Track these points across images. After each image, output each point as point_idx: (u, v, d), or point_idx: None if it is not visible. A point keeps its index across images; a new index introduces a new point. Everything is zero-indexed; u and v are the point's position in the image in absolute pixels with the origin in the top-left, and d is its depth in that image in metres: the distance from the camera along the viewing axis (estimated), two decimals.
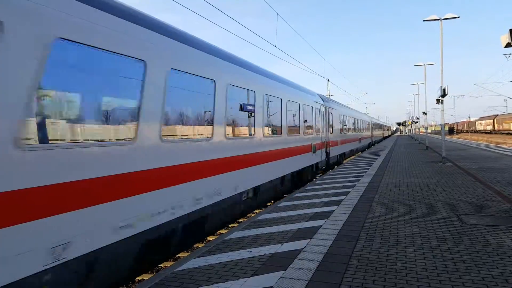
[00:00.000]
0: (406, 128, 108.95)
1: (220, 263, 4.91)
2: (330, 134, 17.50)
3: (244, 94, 8.09)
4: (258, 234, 6.23)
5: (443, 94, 17.71)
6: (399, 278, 4.25)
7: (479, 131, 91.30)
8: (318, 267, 4.62)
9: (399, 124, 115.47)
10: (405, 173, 13.98)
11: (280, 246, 5.54)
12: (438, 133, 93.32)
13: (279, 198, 11.47)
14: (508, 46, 8.14)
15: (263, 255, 5.15)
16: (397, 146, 35.55)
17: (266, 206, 10.84)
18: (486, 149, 26.54)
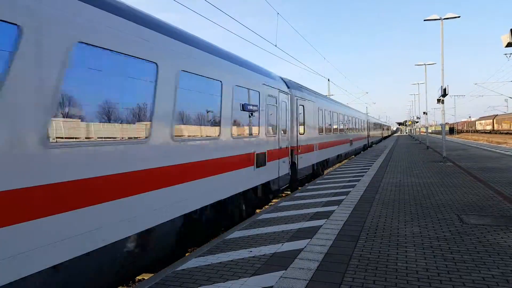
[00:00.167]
0: (407, 128, 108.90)
1: (220, 263, 4.91)
2: (299, 135, 12.70)
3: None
4: (258, 234, 6.23)
5: (444, 94, 17.69)
6: (400, 278, 4.24)
7: (479, 131, 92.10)
8: (318, 267, 4.62)
9: (400, 124, 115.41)
10: (405, 173, 13.97)
11: (280, 245, 5.54)
12: (439, 133, 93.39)
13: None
14: (508, 45, 8.13)
15: (264, 255, 5.15)
16: (397, 146, 35.54)
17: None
18: (487, 149, 26.52)
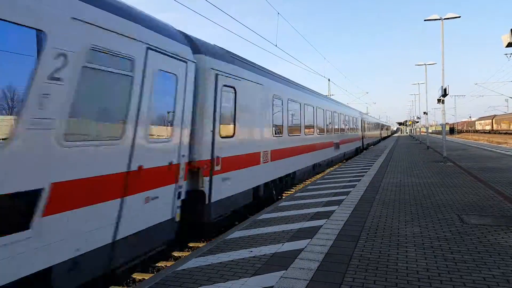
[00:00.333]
0: (407, 128, 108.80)
1: (220, 263, 4.90)
2: (222, 139, 7.29)
3: None
4: (258, 234, 6.22)
5: (444, 94, 17.68)
6: (400, 278, 4.24)
7: (478, 131, 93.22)
8: (319, 267, 4.62)
9: (400, 123, 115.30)
10: (406, 173, 13.96)
11: (281, 245, 5.54)
12: (439, 133, 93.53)
13: None
14: (509, 45, 8.12)
15: (264, 255, 5.14)
16: (397, 146, 35.52)
17: None
18: (487, 149, 26.51)
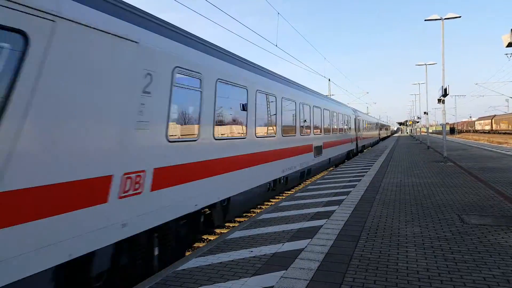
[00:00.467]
0: (407, 128, 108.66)
1: (221, 263, 4.91)
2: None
3: None
4: (259, 234, 6.22)
5: (445, 93, 17.67)
6: (400, 278, 4.24)
7: (478, 131, 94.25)
8: (319, 267, 4.62)
9: (400, 123, 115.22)
10: (406, 173, 13.96)
11: (281, 245, 5.54)
12: (439, 133, 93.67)
13: None
14: (509, 45, 8.12)
15: (264, 255, 5.15)
16: (398, 146, 35.52)
17: None
18: (487, 149, 26.50)
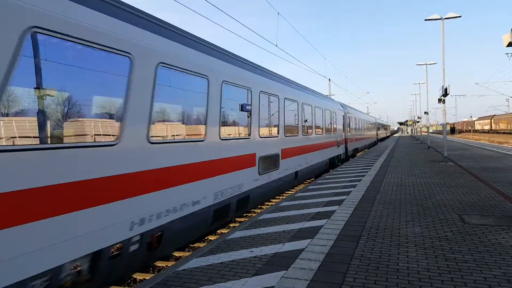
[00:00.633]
0: (408, 127, 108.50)
1: (221, 263, 4.90)
2: None
3: None
4: (259, 234, 6.22)
5: (445, 93, 17.67)
6: (401, 278, 4.24)
7: (478, 131, 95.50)
8: (319, 267, 4.61)
9: (401, 123, 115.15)
10: (406, 172, 13.95)
11: (281, 245, 5.53)
12: (440, 132, 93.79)
13: None
14: (510, 45, 8.12)
15: (265, 255, 5.14)
16: (398, 146, 35.51)
17: None
18: (488, 148, 26.48)
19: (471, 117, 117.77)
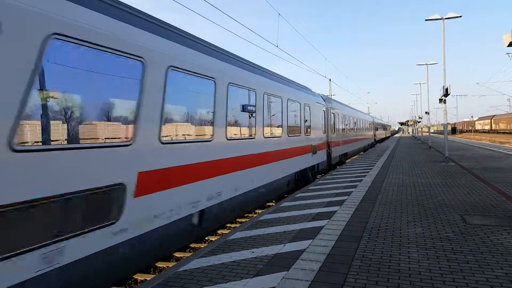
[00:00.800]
0: (409, 128, 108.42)
1: (222, 264, 4.90)
2: None
3: None
4: (260, 235, 6.21)
5: (446, 93, 17.64)
6: (403, 278, 4.22)
7: (478, 131, 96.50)
8: (320, 268, 4.60)
9: (402, 123, 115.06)
10: (408, 173, 13.93)
11: (282, 246, 5.52)
12: (441, 132, 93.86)
13: None
14: (510, 45, 8.10)
15: (266, 256, 5.13)
16: (399, 146, 35.47)
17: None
18: (489, 148, 26.44)
19: (472, 117, 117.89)
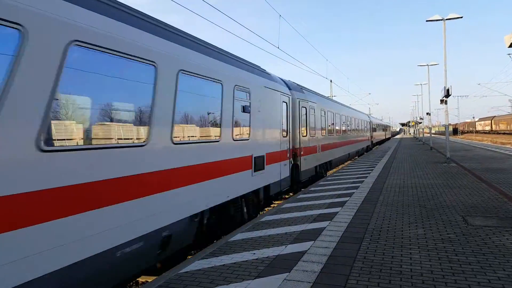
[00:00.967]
0: (410, 128, 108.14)
1: (223, 265, 4.89)
2: None
3: None
4: (261, 236, 6.20)
5: (447, 94, 17.62)
6: (404, 280, 4.21)
7: (479, 131, 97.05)
8: (322, 269, 4.59)
9: (403, 124, 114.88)
10: (409, 174, 13.90)
11: (284, 248, 5.51)
12: (442, 133, 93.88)
13: None
14: None
15: (267, 257, 5.12)
16: (401, 147, 35.42)
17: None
18: (491, 149, 26.38)
19: (474, 117, 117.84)
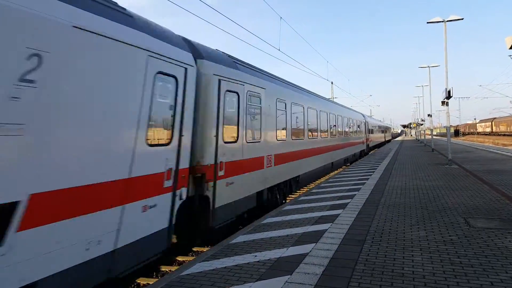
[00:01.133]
0: (412, 130, 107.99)
1: (225, 268, 4.88)
2: None
3: None
4: (263, 238, 6.20)
5: (448, 96, 17.60)
6: (406, 282, 4.20)
7: (479, 133, 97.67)
8: (324, 272, 4.58)
9: (405, 126, 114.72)
10: (411, 175, 13.88)
11: (285, 250, 5.51)
12: (444, 135, 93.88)
13: None
14: None
15: (268, 260, 5.12)
16: (402, 148, 35.37)
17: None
18: (492, 151, 26.32)
19: (475, 119, 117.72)
